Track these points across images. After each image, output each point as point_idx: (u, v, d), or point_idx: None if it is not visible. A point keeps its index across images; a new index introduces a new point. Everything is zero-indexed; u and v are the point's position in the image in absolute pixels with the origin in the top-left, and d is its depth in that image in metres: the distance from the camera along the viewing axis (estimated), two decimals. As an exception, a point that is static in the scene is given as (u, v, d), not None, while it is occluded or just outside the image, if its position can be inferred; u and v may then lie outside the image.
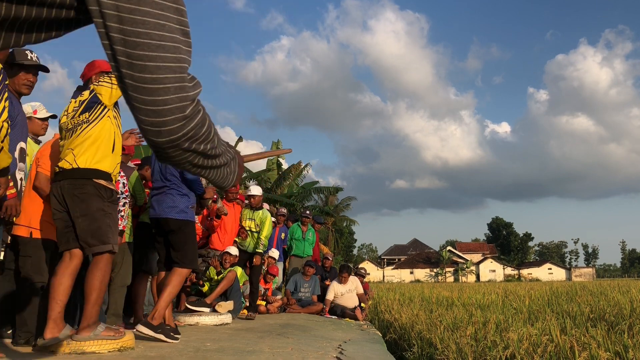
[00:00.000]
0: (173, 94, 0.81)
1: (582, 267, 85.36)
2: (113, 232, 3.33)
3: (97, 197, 3.23)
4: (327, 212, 29.03)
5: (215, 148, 0.97)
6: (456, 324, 6.86)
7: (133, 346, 3.37)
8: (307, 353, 3.71)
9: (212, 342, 3.89)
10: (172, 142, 0.85)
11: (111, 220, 3.32)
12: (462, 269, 73.32)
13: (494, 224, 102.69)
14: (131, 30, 0.76)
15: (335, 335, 5.36)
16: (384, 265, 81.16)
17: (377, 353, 4.50)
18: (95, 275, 3.23)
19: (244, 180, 24.83)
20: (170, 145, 0.86)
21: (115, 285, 4.43)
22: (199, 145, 0.90)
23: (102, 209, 3.25)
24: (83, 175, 3.23)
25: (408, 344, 6.85)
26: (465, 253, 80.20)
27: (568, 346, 4.58)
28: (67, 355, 3.07)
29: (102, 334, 3.18)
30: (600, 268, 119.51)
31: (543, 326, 5.74)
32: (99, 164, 3.26)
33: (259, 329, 5.18)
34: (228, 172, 1.07)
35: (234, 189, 6.91)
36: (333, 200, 38.17)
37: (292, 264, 9.27)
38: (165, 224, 4.27)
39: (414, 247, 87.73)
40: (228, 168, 1.07)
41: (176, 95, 0.81)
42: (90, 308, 3.22)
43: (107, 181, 3.29)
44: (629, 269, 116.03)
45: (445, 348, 5.51)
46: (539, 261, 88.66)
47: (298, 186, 27.29)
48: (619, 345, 4.53)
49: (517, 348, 4.68)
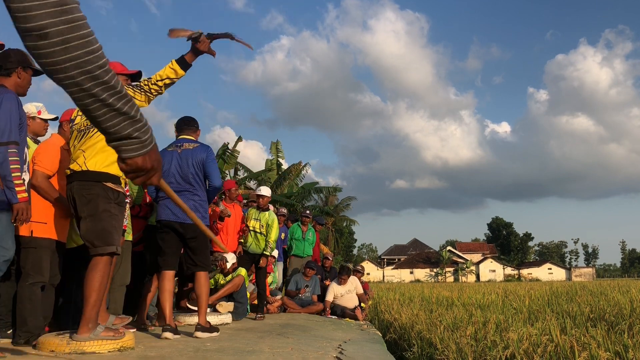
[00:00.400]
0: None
1: (582, 267, 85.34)
2: (117, 234, 3.36)
3: (103, 198, 3.31)
4: (327, 212, 29.02)
5: (112, 81, 0.90)
6: (456, 324, 6.86)
7: (133, 346, 3.37)
8: (307, 353, 3.71)
9: (212, 342, 3.90)
10: (42, 32, 0.81)
11: (116, 222, 3.36)
12: (462, 269, 73.32)
13: (494, 224, 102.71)
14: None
15: (335, 335, 5.36)
16: (384, 265, 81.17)
17: (377, 353, 4.50)
18: (94, 276, 3.25)
19: (244, 180, 24.83)
20: (40, 38, 0.81)
21: (115, 285, 4.43)
22: (85, 63, 0.85)
23: (108, 210, 3.31)
24: (92, 177, 3.32)
25: (408, 344, 6.86)
26: (465, 253, 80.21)
27: (568, 346, 4.58)
28: (67, 355, 3.07)
29: (102, 334, 3.18)
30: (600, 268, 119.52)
31: (543, 326, 5.74)
32: (108, 168, 3.35)
33: (259, 329, 5.18)
34: (130, 130, 0.96)
35: (234, 189, 6.88)
36: (333, 200, 38.16)
37: (292, 264, 9.26)
38: (188, 229, 4.35)
39: (414, 247, 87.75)
40: (131, 123, 0.96)
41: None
42: (90, 309, 3.24)
43: (115, 184, 3.36)
44: (629, 269, 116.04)
45: (445, 348, 5.51)
46: (539, 261, 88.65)
47: (298, 186, 27.29)
48: (619, 345, 4.53)
49: (517, 348, 4.69)
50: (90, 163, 3.34)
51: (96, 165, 3.34)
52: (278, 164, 28.89)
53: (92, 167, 3.33)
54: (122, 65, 3.69)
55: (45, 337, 3.23)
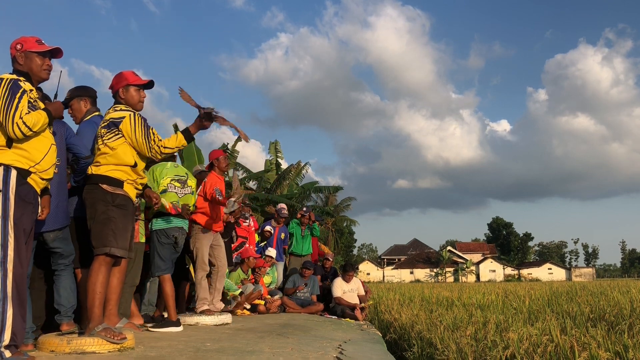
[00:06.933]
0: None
1: (582, 267, 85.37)
2: (116, 236, 3.39)
3: (102, 201, 3.39)
4: (327, 212, 29.01)
5: None
6: (456, 324, 6.86)
7: (133, 346, 3.37)
8: (307, 353, 3.71)
9: (212, 342, 3.89)
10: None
11: (114, 224, 3.39)
12: (462, 269, 73.35)
13: (494, 224, 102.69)
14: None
15: (335, 335, 5.36)
16: (384, 265, 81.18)
17: (377, 353, 4.50)
18: (91, 277, 3.33)
19: (244, 181, 24.83)
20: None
21: (125, 285, 4.43)
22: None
23: (106, 212, 3.38)
24: (93, 180, 3.44)
25: (408, 344, 6.86)
26: (465, 253, 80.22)
27: (568, 346, 4.58)
28: (67, 355, 3.07)
29: (101, 334, 3.19)
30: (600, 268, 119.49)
31: (543, 326, 5.74)
32: (111, 172, 3.43)
33: (259, 329, 5.18)
34: None
35: (223, 157, 5.96)
36: (333, 200, 38.16)
37: (291, 263, 9.26)
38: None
39: (414, 247, 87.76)
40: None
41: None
42: (90, 309, 3.28)
43: (114, 187, 3.41)
44: (629, 269, 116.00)
45: (445, 348, 5.51)
46: (539, 261, 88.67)
47: (298, 186, 27.29)
48: (619, 345, 4.53)
49: (517, 348, 4.69)
50: (96, 167, 3.46)
51: (100, 169, 3.44)
52: (277, 164, 28.90)
53: (96, 171, 3.45)
54: (134, 74, 3.70)
55: (45, 337, 3.23)
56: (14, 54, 3.06)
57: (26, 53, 3.05)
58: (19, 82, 2.93)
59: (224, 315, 5.44)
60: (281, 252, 9.01)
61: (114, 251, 3.37)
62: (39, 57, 3.07)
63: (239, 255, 7.49)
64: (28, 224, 2.90)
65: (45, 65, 3.10)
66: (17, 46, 3.06)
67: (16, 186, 2.82)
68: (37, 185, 2.96)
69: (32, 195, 2.93)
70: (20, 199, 2.83)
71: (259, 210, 21.74)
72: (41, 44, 3.10)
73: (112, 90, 3.72)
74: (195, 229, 5.42)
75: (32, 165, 2.91)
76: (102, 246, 3.35)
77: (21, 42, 3.07)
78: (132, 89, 3.65)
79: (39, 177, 2.96)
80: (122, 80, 3.66)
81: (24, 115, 2.83)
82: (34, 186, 2.94)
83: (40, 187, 3.01)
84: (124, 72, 3.71)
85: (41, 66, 3.08)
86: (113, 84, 3.71)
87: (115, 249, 3.37)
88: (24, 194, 2.86)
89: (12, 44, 3.08)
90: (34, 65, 3.06)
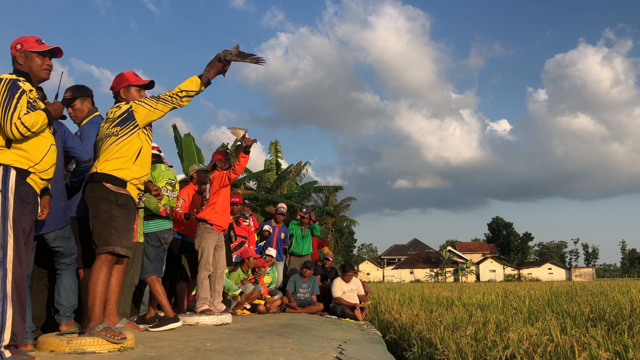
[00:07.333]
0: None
1: (582, 267, 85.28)
2: (119, 235, 3.39)
3: (105, 200, 3.39)
4: (327, 212, 29.00)
5: None
6: (456, 324, 6.86)
7: (133, 346, 3.37)
8: (307, 353, 3.71)
9: (212, 342, 3.89)
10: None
11: (117, 223, 3.39)
12: (462, 269, 73.32)
13: (494, 224, 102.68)
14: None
15: (335, 335, 5.36)
16: (384, 265, 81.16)
17: (377, 353, 4.50)
18: (92, 276, 3.32)
19: (243, 181, 24.83)
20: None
21: (124, 285, 4.44)
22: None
23: (109, 211, 3.38)
24: (97, 179, 3.44)
25: (408, 344, 6.86)
26: (465, 253, 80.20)
27: (568, 346, 4.58)
28: (67, 355, 3.07)
29: (101, 334, 3.19)
30: (600, 268, 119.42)
31: (543, 326, 5.74)
32: (116, 172, 3.43)
33: (259, 329, 5.18)
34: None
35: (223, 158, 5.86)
36: (333, 200, 38.15)
37: (291, 263, 9.26)
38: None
39: (414, 247, 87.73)
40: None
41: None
42: (90, 308, 3.28)
43: (117, 186, 3.41)
44: (629, 269, 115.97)
45: (445, 348, 5.51)
46: (539, 261, 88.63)
47: (298, 186, 27.27)
48: (619, 345, 4.53)
49: (517, 348, 4.69)
50: (101, 167, 3.46)
51: (105, 168, 3.44)
52: (277, 163, 28.89)
53: (100, 169, 3.45)
54: (135, 75, 3.72)
55: (45, 337, 3.23)
56: (14, 54, 3.07)
57: (26, 53, 3.05)
58: (18, 82, 2.93)
59: (224, 315, 5.44)
60: (281, 252, 9.01)
61: (118, 250, 3.37)
62: (39, 56, 3.07)
63: (239, 255, 7.50)
64: (27, 224, 2.90)
65: (45, 65, 3.11)
66: (17, 46, 3.07)
67: (15, 186, 2.82)
68: (36, 185, 2.96)
69: (32, 195, 2.93)
70: (20, 199, 2.83)
71: (259, 210, 21.74)
72: (41, 43, 3.11)
73: (113, 91, 3.72)
74: (202, 228, 5.41)
75: (31, 166, 2.91)
76: (105, 245, 3.34)
77: (21, 42, 3.07)
78: (133, 89, 3.67)
79: (39, 177, 2.96)
80: (123, 81, 3.68)
81: (22, 116, 2.83)
82: (34, 186, 2.94)
83: (40, 187, 3.01)
84: (124, 72, 3.73)
85: (41, 66, 3.08)
86: (114, 85, 3.72)
87: (118, 248, 3.37)
88: (24, 194, 2.86)
89: (12, 44, 3.09)
90: (34, 65, 3.06)
